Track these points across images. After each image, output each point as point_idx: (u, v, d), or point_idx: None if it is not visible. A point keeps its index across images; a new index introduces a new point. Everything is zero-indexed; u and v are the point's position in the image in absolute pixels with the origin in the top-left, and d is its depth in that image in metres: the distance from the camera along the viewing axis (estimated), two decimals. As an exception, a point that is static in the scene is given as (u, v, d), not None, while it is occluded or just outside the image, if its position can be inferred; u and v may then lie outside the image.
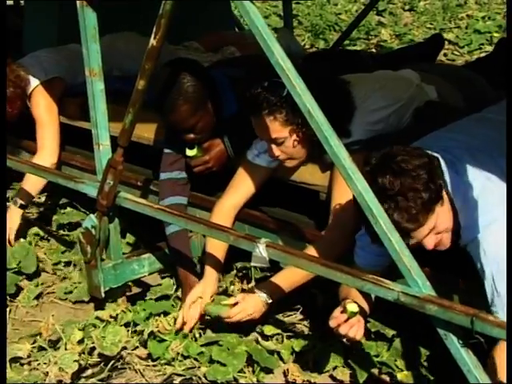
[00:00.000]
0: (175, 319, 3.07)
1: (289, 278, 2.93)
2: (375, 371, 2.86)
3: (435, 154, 2.45)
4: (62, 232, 4.10)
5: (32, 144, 4.16)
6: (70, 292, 3.54)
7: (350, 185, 2.41)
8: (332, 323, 2.52)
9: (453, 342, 2.33)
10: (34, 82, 4.07)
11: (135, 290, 3.52)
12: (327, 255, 2.77)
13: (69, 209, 4.23)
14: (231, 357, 2.89)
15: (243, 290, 3.31)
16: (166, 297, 3.27)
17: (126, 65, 4.10)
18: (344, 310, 2.51)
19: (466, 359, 2.32)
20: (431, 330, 2.83)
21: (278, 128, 2.90)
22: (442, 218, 2.38)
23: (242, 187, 3.22)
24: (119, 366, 2.95)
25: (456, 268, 2.67)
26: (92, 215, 3.16)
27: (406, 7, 9.90)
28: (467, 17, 9.44)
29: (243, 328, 3.09)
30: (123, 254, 3.37)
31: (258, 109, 2.88)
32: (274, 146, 2.97)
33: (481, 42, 8.18)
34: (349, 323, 2.50)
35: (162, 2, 2.70)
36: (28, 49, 4.63)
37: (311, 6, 10.20)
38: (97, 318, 3.09)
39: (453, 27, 9.07)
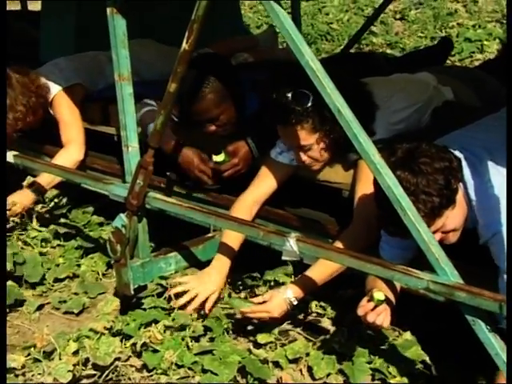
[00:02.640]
0: (166, 327, 3.10)
1: (317, 275, 3.01)
2: (368, 378, 2.88)
3: (457, 154, 2.56)
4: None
5: (54, 149, 4.24)
6: (65, 302, 3.57)
7: (379, 179, 2.52)
8: (360, 311, 2.60)
9: (481, 328, 2.44)
10: (54, 88, 4.16)
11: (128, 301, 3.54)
12: (352, 249, 2.85)
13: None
14: (223, 366, 2.92)
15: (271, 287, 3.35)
16: (154, 307, 3.27)
17: (142, 70, 4.20)
18: (371, 299, 2.60)
19: (494, 343, 2.42)
20: (423, 335, 3.01)
21: (305, 136, 3.01)
22: (450, 220, 2.51)
23: (264, 183, 3.32)
24: (114, 378, 2.96)
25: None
26: (122, 214, 3.26)
27: (397, 16, 9.94)
28: (458, 25, 9.43)
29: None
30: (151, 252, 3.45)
31: (285, 120, 2.98)
32: (301, 153, 3.08)
33: (472, 51, 8.20)
34: (376, 311, 2.58)
35: (194, 6, 2.81)
36: (45, 57, 4.71)
37: (302, 16, 10.26)
38: (91, 329, 3.12)
39: (444, 36, 9.14)
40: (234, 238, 3.24)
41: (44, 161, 4.07)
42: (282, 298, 3.00)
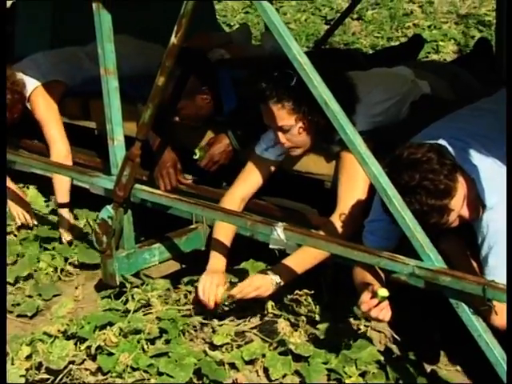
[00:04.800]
0: (121, 330, 3.10)
1: (300, 260, 3.10)
2: (324, 378, 2.91)
3: (441, 142, 2.67)
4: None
5: (35, 143, 4.29)
6: (18, 304, 3.56)
7: (365, 169, 2.61)
8: (364, 307, 2.65)
9: (464, 310, 2.54)
10: (31, 84, 4.20)
11: (84, 304, 3.59)
12: (336, 238, 2.96)
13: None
14: (178, 368, 2.91)
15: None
16: (109, 309, 3.29)
17: (123, 66, 4.25)
18: (374, 296, 2.64)
19: (477, 325, 2.53)
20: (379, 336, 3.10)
21: (285, 116, 3.09)
22: (465, 186, 2.58)
23: (250, 179, 3.40)
24: (68, 382, 2.94)
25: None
26: (108, 206, 3.32)
27: (355, 16, 9.96)
28: (414, 26, 9.45)
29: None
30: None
31: (267, 97, 3.06)
32: (280, 134, 3.15)
33: (427, 51, 8.22)
34: (379, 307, 2.63)
35: (183, 2, 2.89)
36: (21, 53, 4.72)
37: (260, 16, 10.32)
38: (44, 332, 3.11)
39: (400, 36, 9.12)
40: (225, 232, 3.30)
41: (28, 155, 4.10)
42: (267, 277, 3.08)
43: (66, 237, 4.07)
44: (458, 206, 2.56)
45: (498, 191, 2.55)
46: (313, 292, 3.30)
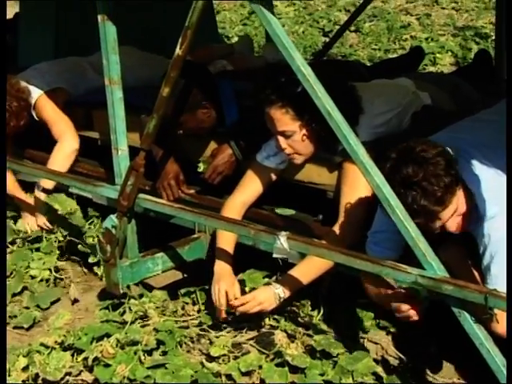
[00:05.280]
0: (118, 341, 3.11)
1: (305, 272, 3.12)
2: None
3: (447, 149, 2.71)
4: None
5: (40, 154, 4.32)
6: (15, 316, 3.56)
7: (368, 179, 2.64)
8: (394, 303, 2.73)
9: (466, 319, 2.57)
10: (36, 92, 4.23)
11: (81, 315, 3.61)
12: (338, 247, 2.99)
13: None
14: (175, 380, 2.92)
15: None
16: (107, 320, 3.30)
17: (127, 77, 4.29)
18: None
19: (479, 333, 2.56)
20: (375, 347, 3.13)
21: (288, 121, 3.11)
22: (461, 199, 2.63)
23: (251, 186, 3.43)
24: None
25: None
26: (112, 216, 3.35)
27: (352, 28, 10.00)
28: (411, 38, 9.55)
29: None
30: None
31: (272, 101, 3.10)
32: (282, 139, 3.17)
33: (424, 63, 8.19)
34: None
35: (187, 14, 2.92)
36: (24, 62, 4.78)
37: (258, 27, 10.33)
38: (41, 344, 3.11)
39: (397, 48, 9.20)
40: (228, 241, 3.33)
41: (32, 164, 4.13)
42: (271, 291, 3.11)
43: (39, 221, 4.10)
44: (446, 217, 2.61)
45: (499, 201, 2.58)
46: (309, 303, 3.35)
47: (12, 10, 5.64)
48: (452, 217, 2.63)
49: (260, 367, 2.99)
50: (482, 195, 2.64)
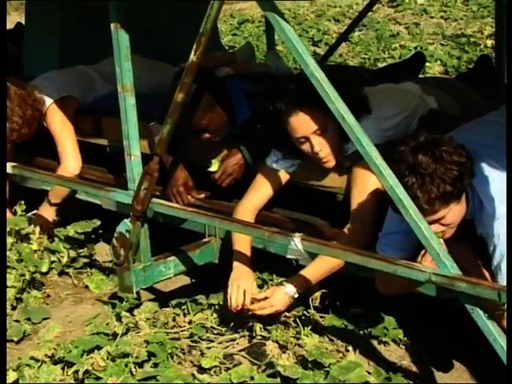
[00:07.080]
0: (109, 354, 3.07)
1: (316, 270, 3.20)
2: None
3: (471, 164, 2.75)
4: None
5: (48, 162, 4.38)
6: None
7: (381, 180, 2.71)
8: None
9: (479, 315, 2.63)
10: (47, 101, 4.27)
11: (72, 327, 3.60)
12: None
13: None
14: None
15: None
16: (97, 333, 3.26)
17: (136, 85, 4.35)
18: None
19: (492, 330, 2.62)
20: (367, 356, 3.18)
21: (318, 116, 3.10)
22: (452, 213, 2.69)
23: (261, 190, 3.48)
24: None
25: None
26: (126, 220, 3.40)
27: (341, 38, 10.17)
28: (400, 47, 9.58)
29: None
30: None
31: (294, 108, 3.11)
32: (316, 140, 3.16)
33: None
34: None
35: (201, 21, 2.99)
36: (29, 73, 4.82)
37: (247, 37, 10.36)
38: (31, 357, 3.08)
39: (387, 57, 9.24)
40: (245, 243, 3.39)
41: (44, 171, 4.17)
42: (283, 292, 3.18)
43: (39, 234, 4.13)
44: (431, 219, 2.67)
45: (505, 203, 2.64)
46: (301, 314, 3.38)
47: (16, 19, 5.65)
48: (434, 223, 2.69)
49: (252, 378, 2.97)
50: (490, 196, 2.70)
